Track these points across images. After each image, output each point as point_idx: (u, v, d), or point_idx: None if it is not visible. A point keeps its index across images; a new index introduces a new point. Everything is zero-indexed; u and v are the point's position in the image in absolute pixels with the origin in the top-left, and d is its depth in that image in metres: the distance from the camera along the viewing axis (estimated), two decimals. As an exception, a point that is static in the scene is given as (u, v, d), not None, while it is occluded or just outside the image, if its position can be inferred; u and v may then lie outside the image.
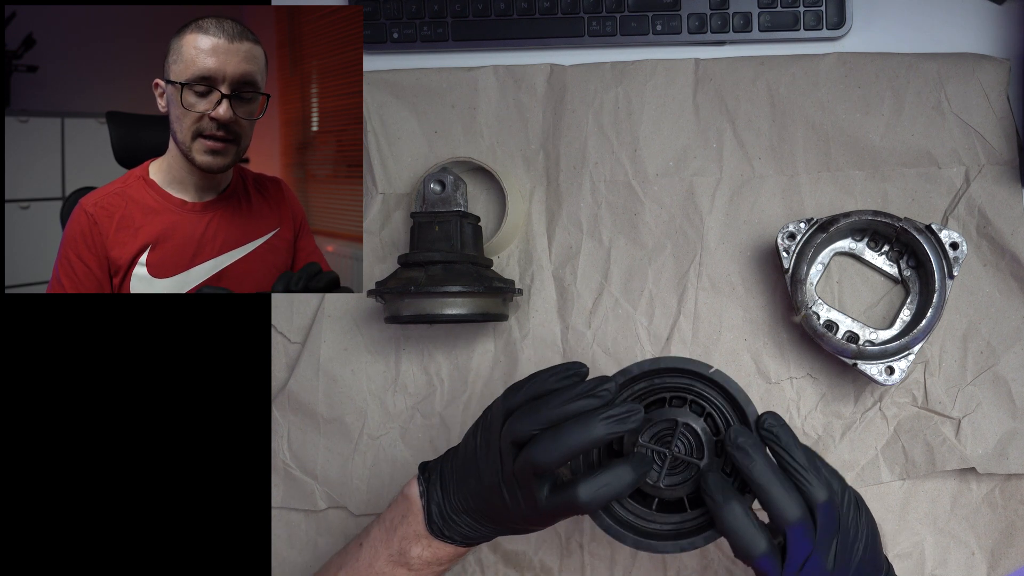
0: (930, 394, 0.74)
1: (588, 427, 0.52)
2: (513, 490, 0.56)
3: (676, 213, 0.77)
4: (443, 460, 0.61)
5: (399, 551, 0.61)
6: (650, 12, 0.78)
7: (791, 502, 0.52)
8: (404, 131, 0.79)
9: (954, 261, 0.70)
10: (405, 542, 0.61)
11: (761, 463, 0.53)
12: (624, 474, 0.52)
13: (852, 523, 0.55)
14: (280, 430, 0.79)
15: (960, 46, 0.77)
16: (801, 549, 0.53)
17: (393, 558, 0.61)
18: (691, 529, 0.55)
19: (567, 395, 0.53)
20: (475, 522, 0.60)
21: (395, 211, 0.80)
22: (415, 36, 0.80)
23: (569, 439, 0.52)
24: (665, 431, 0.55)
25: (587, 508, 0.53)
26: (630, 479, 0.52)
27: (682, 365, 0.56)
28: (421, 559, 0.61)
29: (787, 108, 0.76)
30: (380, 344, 0.79)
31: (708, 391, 0.56)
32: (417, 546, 0.61)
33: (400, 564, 0.61)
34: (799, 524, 0.52)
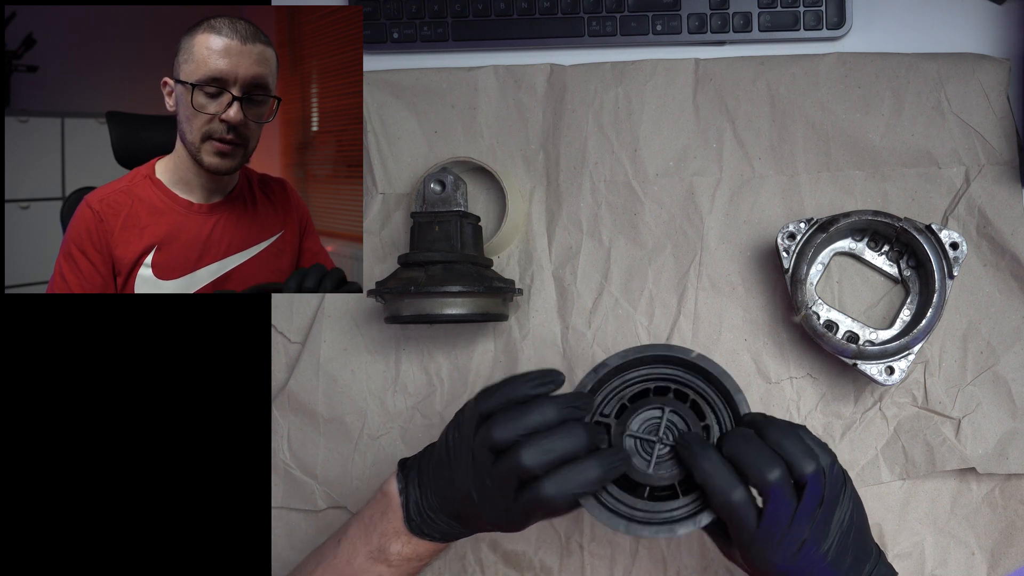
0: (930, 394, 0.74)
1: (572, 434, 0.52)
2: (486, 495, 0.55)
3: (676, 213, 0.77)
4: (421, 457, 0.61)
5: (378, 547, 0.61)
6: (650, 12, 0.78)
7: (770, 463, 0.51)
8: (404, 131, 0.79)
9: (954, 261, 0.70)
10: (384, 539, 0.61)
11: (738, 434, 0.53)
12: (590, 468, 0.52)
13: (838, 497, 0.54)
14: (280, 430, 0.79)
15: (960, 46, 0.77)
16: (781, 509, 0.52)
17: (372, 554, 0.61)
18: (683, 516, 0.54)
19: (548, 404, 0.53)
20: (452, 520, 0.60)
21: (395, 211, 0.80)
22: (415, 36, 0.80)
23: (557, 445, 0.52)
24: (652, 420, 0.55)
25: (554, 503, 0.52)
26: (596, 474, 0.52)
27: (664, 352, 0.56)
28: (401, 555, 0.61)
29: (787, 108, 0.76)
30: (380, 344, 0.79)
31: (691, 378, 0.56)
32: (396, 543, 0.61)
33: (379, 560, 0.61)
34: (779, 483, 0.51)
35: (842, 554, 0.53)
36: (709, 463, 0.52)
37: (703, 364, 0.56)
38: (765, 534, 0.52)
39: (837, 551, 0.53)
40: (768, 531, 0.52)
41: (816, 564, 0.53)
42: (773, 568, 0.53)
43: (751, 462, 0.52)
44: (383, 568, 0.61)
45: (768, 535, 0.52)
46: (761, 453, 0.52)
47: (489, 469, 0.54)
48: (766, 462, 0.52)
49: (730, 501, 0.51)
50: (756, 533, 0.52)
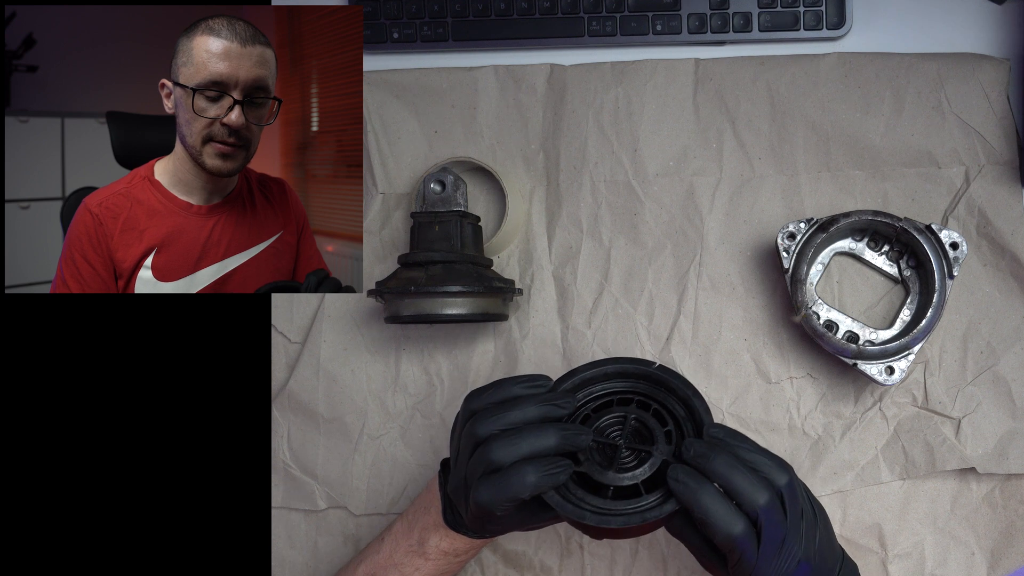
0: (930, 394, 0.74)
1: (544, 435, 0.53)
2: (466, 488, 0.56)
3: (676, 213, 0.77)
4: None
5: (418, 541, 0.63)
6: (650, 12, 0.78)
7: (759, 486, 0.52)
8: (404, 131, 0.79)
9: (954, 261, 0.70)
10: (424, 532, 0.63)
11: (721, 457, 0.53)
12: (527, 474, 0.52)
13: (809, 506, 0.55)
14: (280, 430, 0.79)
15: (960, 46, 0.77)
16: (776, 531, 0.52)
17: (412, 548, 0.63)
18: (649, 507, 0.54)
19: (530, 403, 0.54)
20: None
21: (395, 211, 0.80)
22: (415, 36, 0.80)
23: (523, 443, 0.53)
24: (615, 427, 0.56)
25: (491, 507, 0.53)
26: (533, 480, 0.52)
27: (626, 367, 0.58)
28: (438, 549, 0.62)
29: (787, 108, 0.76)
30: (380, 344, 0.79)
31: (653, 391, 0.57)
32: (435, 536, 0.62)
33: (418, 554, 0.63)
34: (770, 506, 0.52)
35: (823, 560, 0.55)
36: (708, 498, 0.51)
37: (664, 375, 0.57)
38: (764, 560, 0.52)
39: (819, 559, 0.54)
40: (766, 556, 0.52)
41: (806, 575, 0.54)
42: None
43: (740, 488, 0.52)
44: (420, 561, 0.63)
45: (766, 560, 0.52)
46: (747, 478, 0.52)
47: (467, 462, 0.55)
48: (755, 487, 0.52)
49: (732, 535, 0.51)
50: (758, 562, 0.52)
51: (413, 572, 0.64)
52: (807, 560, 0.53)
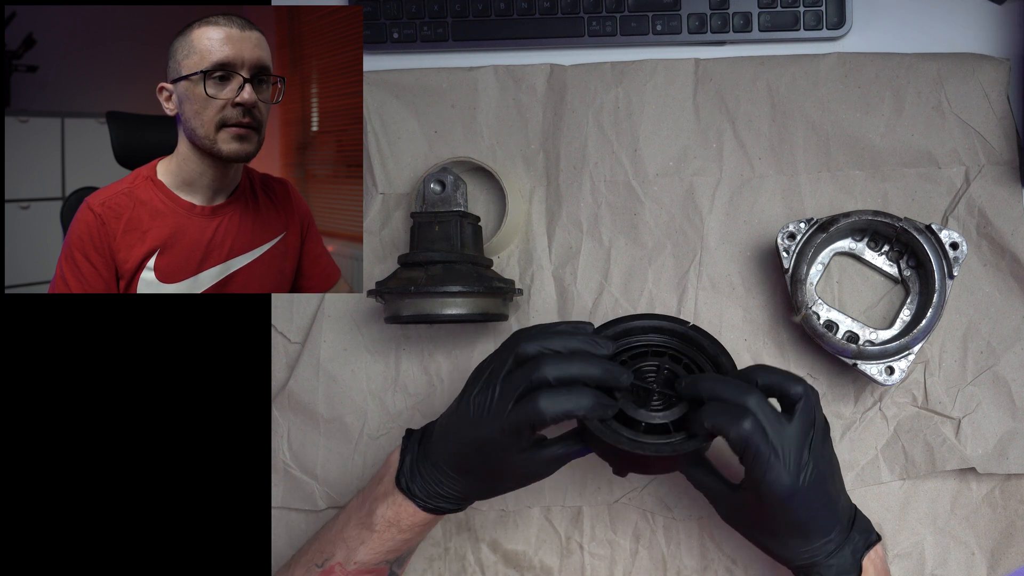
0: (930, 394, 0.74)
1: (592, 364, 0.57)
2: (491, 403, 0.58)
3: (676, 213, 0.77)
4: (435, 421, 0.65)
5: (367, 512, 0.64)
6: (650, 12, 0.78)
7: (792, 378, 0.58)
8: (404, 131, 0.79)
9: (954, 261, 0.70)
10: (374, 503, 0.63)
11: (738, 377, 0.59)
12: (583, 397, 0.56)
13: (824, 423, 0.60)
14: (280, 430, 0.79)
15: (960, 46, 0.77)
16: (809, 412, 0.57)
17: (361, 520, 0.64)
18: (677, 443, 0.59)
19: (576, 339, 0.59)
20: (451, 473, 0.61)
21: (395, 211, 0.80)
22: (415, 36, 0.80)
23: (573, 366, 0.57)
24: (648, 373, 0.61)
25: (544, 415, 0.56)
26: (588, 403, 0.56)
27: (662, 324, 0.64)
28: (383, 519, 0.63)
29: (787, 108, 0.76)
30: (380, 344, 0.79)
31: (685, 347, 0.63)
32: (381, 505, 0.63)
33: (365, 526, 0.63)
34: (806, 395, 0.57)
35: (833, 475, 0.60)
36: (717, 381, 0.58)
37: (696, 334, 0.63)
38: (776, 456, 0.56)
39: (828, 472, 0.59)
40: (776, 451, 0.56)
41: (821, 484, 0.58)
42: (786, 490, 0.56)
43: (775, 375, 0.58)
44: (366, 533, 0.63)
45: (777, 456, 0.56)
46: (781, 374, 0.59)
47: (507, 374, 0.58)
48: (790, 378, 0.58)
49: (746, 403, 0.56)
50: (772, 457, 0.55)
51: (358, 546, 0.63)
52: (819, 468, 0.57)
